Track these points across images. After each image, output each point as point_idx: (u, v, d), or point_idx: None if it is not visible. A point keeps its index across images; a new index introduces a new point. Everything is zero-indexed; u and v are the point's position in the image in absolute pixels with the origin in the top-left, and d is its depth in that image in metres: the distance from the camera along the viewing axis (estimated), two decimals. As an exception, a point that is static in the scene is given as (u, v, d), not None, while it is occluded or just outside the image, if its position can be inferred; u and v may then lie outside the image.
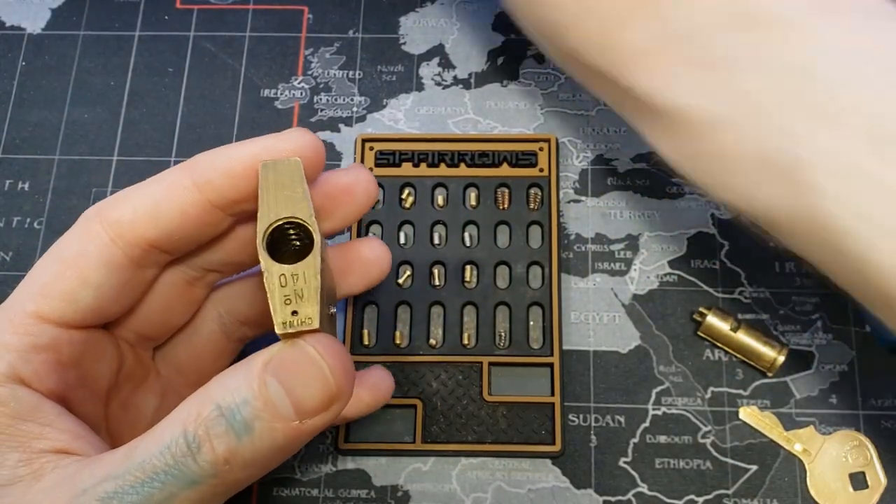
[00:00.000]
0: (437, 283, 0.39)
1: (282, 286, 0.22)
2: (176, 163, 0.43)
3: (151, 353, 0.31)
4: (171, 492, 0.21)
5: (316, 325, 0.22)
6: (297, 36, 0.45)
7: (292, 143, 0.25)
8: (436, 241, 0.40)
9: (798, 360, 0.38)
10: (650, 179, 0.42)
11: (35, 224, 0.42)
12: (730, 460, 0.37)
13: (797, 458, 0.37)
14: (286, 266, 0.22)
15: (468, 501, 0.36)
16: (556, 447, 0.36)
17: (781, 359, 0.37)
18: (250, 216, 0.26)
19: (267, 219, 0.23)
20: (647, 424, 0.37)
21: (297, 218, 0.23)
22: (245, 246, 0.28)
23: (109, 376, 0.28)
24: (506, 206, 0.40)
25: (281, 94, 0.44)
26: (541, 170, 0.41)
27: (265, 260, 0.22)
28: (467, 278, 0.39)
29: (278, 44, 0.45)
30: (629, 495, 0.36)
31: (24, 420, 0.24)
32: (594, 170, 0.42)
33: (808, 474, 0.36)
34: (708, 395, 0.38)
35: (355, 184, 0.28)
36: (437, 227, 0.40)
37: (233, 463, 0.22)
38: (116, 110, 0.44)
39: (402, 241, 0.40)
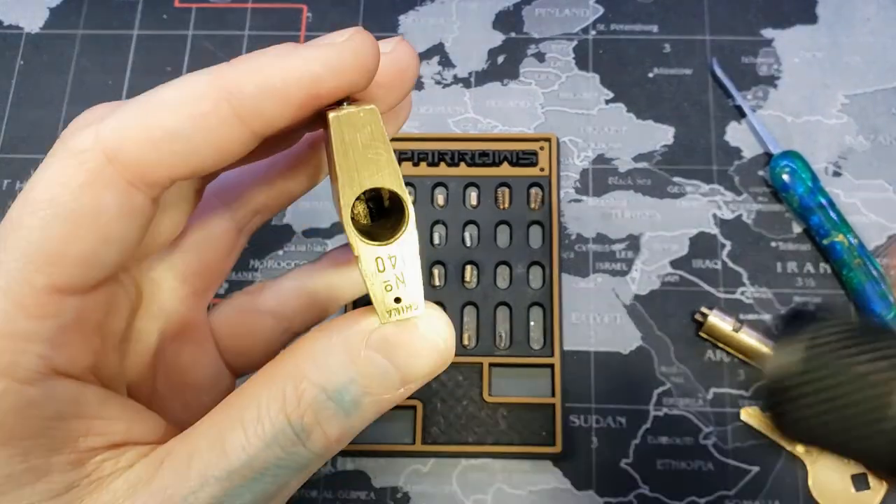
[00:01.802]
0: (437, 283, 0.39)
1: (380, 271, 0.19)
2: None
3: (145, 270, 0.26)
4: (284, 482, 0.20)
5: (423, 310, 0.20)
6: (297, 34, 0.45)
7: (352, 54, 0.20)
8: (436, 241, 0.40)
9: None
10: (651, 179, 0.42)
11: (33, 224, 0.42)
12: (731, 461, 0.37)
13: (799, 459, 0.36)
14: (382, 247, 0.19)
15: (468, 503, 0.36)
16: (557, 448, 0.36)
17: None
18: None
19: (350, 190, 0.19)
20: (648, 425, 0.37)
21: (386, 188, 0.19)
22: (264, 154, 0.24)
23: (124, 323, 0.24)
24: (506, 205, 0.40)
25: (280, 93, 0.44)
26: (541, 169, 0.41)
27: (358, 243, 0.19)
28: (467, 278, 0.39)
29: (277, 42, 0.44)
30: (630, 496, 0.36)
31: (65, 419, 0.20)
32: (595, 169, 0.42)
33: (809, 475, 0.36)
34: (709, 396, 0.38)
35: (406, 69, 0.23)
36: (437, 226, 0.40)
37: (342, 439, 0.20)
38: (115, 109, 0.44)
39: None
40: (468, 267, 0.39)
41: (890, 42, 0.44)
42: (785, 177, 0.40)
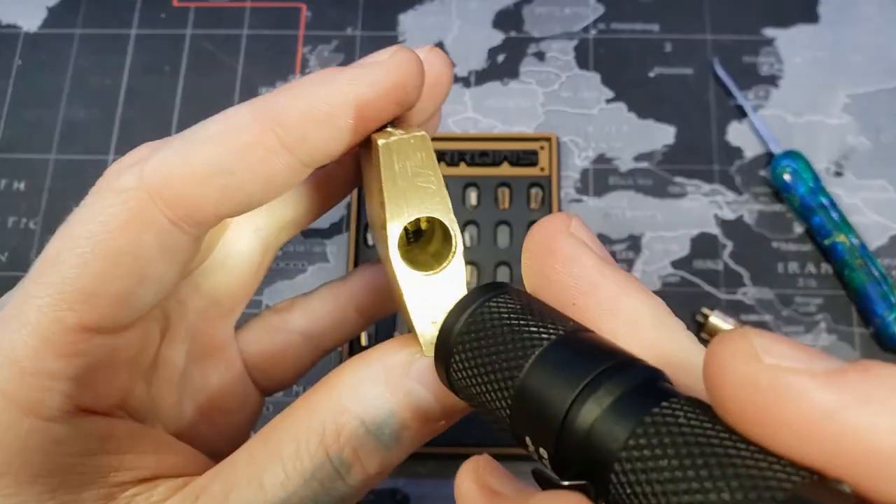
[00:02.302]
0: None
1: (423, 300, 0.19)
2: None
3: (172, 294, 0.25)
4: None
5: None
6: (295, 33, 0.45)
7: (398, 72, 0.19)
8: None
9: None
10: (652, 179, 0.41)
11: (31, 224, 0.42)
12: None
13: (801, 460, 0.36)
14: (428, 276, 0.19)
15: (468, 504, 0.36)
16: (558, 450, 0.36)
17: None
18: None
19: (398, 220, 0.18)
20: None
21: (435, 218, 0.19)
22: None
23: (154, 352, 0.23)
24: (506, 205, 0.40)
25: (279, 92, 0.44)
26: (542, 169, 0.40)
27: (403, 272, 0.19)
28: (467, 278, 0.39)
29: (276, 41, 0.44)
30: (631, 498, 0.36)
31: (94, 455, 0.19)
32: (596, 169, 0.42)
33: (811, 477, 0.36)
34: (710, 397, 0.37)
35: (440, 77, 0.22)
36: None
37: (383, 472, 0.20)
38: (113, 109, 0.44)
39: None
40: (468, 267, 0.39)
41: (891, 41, 0.44)
42: (786, 177, 0.39)
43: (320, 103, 0.19)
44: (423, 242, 0.20)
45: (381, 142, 0.19)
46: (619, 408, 0.13)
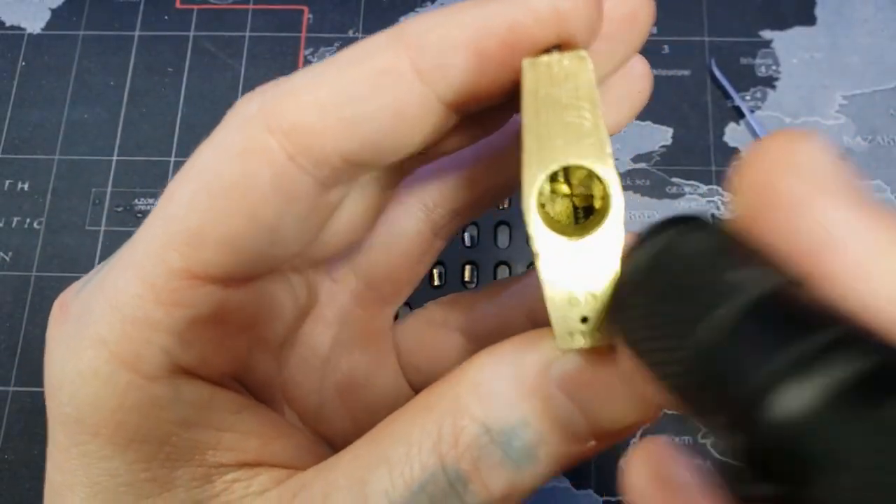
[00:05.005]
0: (437, 283, 0.39)
1: (565, 276, 0.14)
2: (177, 164, 0.43)
3: (324, 270, 0.23)
4: None
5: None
6: (297, 36, 0.45)
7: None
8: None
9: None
10: (650, 179, 0.42)
11: (35, 224, 0.42)
12: (731, 461, 0.37)
13: (797, 458, 0.37)
14: (572, 242, 0.14)
15: (468, 502, 0.36)
16: (557, 447, 0.36)
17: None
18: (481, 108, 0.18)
19: (538, 164, 0.14)
20: (647, 425, 0.37)
21: (587, 167, 0.14)
22: (465, 142, 0.20)
23: (284, 328, 0.21)
24: (506, 205, 0.40)
25: (281, 94, 0.44)
26: (541, 170, 0.41)
27: (538, 233, 0.14)
28: (467, 278, 0.39)
29: (278, 44, 0.45)
30: (629, 495, 0.36)
31: (193, 426, 0.17)
32: (594, 170, 0.42)
33: (808, 474, 0.36)
34: (708, 396, 0.38)
35: (637, 11, 0.17)
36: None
37: (511, 497, 0.16)
38: (116, 110, 0.44)
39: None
40: (468, 267, 0.39)
41: (888, 43, 0.44)
42: (783, 177, 0.40)
43: (461, 27, 0.16)
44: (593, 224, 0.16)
45: (525, 61, 0.15)
46: (849, 398, 0.09)
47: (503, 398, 0.16)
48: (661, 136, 0.43)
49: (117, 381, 0.16)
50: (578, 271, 0.14)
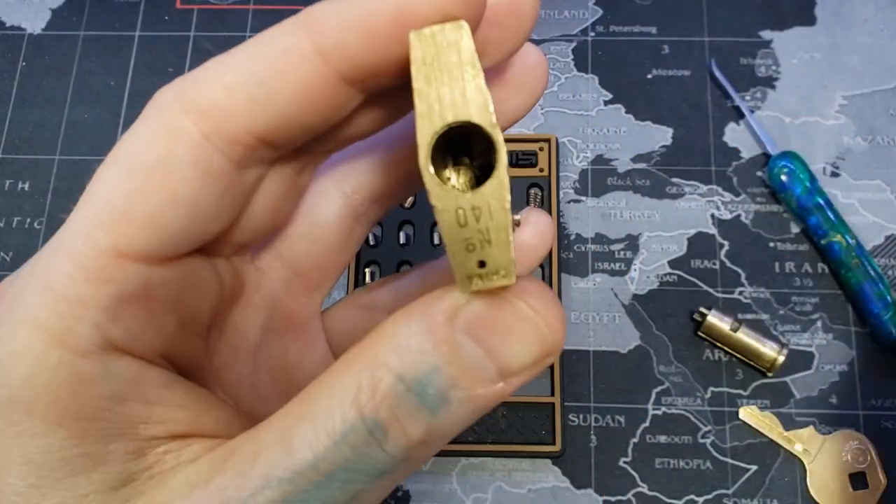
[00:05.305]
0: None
1: (460, 225, 0.16)
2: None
3: (249, 258, 0.23)
4: (357, 489, 0.17)
5: (513, 279, 0.17)
6: (297, 36, 0.45)
7: None
8: (436, 241, 0.40)
9: (798, 360, 0.38)
10: (650, 179, 0.42)
11: (35, 224, 0.42)
12: (730, 460, 0.37)
13: (797, 458, 0.37)
14: (464, 196, 0.16)
15: (468, 501, 0.36)
16: (556, 447, 0.36)
17: (781, 359, 0.37)
18: (384, 89, 0.19)
19: (430, 125, 0.16)
20: (647, 424, 0.37)
21: (471, 122, 0.16)
22: (375, 124, 0.21)
23: (209, 309, 0.21)
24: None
25: (281, 94, 0.44)
26: (541, 170, 0.41)
27: (435, 188, 0.16)
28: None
29: (278, 44, 0.45)
30: (629, 495, 0.36)
31: (124, 401, 0.18)
32: (594, 170, 0.42)
33: (808, 474, 0.36)
34: (708, 396, 0.38)
35: (517, 2, 0.19)
36: (437, 227, 0.40)
37: (429, 442, 0.17)
38: (117, 110, 0.44)
39: (402, 241, 0.40)
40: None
41: (888, 43, 0.44)
42: (783, 177, 0.40)
43: (357, 8, 0.17)
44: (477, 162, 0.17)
45: (412, 33, 0.16)
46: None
47: (415, 348, 0.17)
48: (661, 136, 0.43)
49: (49, 359, 0.17)
50: (472, 219, 0.16)
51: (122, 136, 0.19)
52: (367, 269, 0.40)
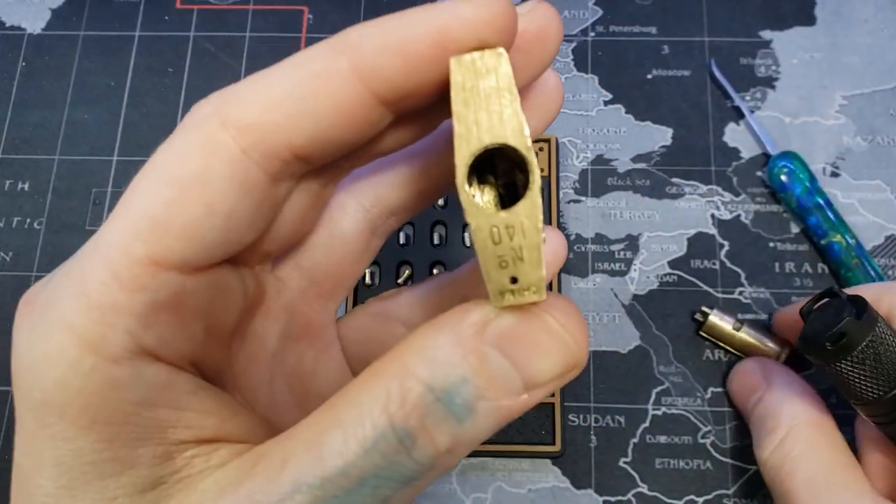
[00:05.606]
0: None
1: (494, 243, 0.17)
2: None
3: (269, 268, 0.24)
4: (385, 495, 0.18)
5: (544, 295, 0.17)
6: (298, 36, 0.45)
7: (484, 4, 0.18)
8: (436, 241, 0.40)
9: (798, 360, 0.38)
10: (650, 180, 0.42)
11: (35, 224, 0.42)
12: (730, 460, 0.37)
13: (797, 458, 0.37)
14: (499, 214, 0.17)
15: (468, 501, 0.36)
16: (556, 447, 0.36)
17: (783, 358, 0.37)
18: (415, 110, 0.20)
19: (468, 146, 0.17)
20: (647, 424, 0.37)
21: (508, 145, 0.17)
22: (400, 142, 0.22)
23: (235, 317, 0.22)
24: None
25: (281, 94, 0.44)
26: (541, 170, 0.41)
27: (471, 207, 0.17)
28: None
29: (278, 44, 0.45)
30: (629, 495, 0.36)
31: (153, 406, 0.18)
32: (594, 170, 0.42)
33: (808, 474, 0.36)
34: (708, 396, 0.38)
35: (547, 29, 0.20)
36: (437, 227, 0.40)
37: (455, 451, 0.18)
38: (117, 110, 0.44)
39: (402, 241, 0.40)
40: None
41: (888, 43, 0.44)
42: (783, 177, 0.40)
43: (395, 32, 0.18)
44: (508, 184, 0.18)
45: (452, 58, 0.17)
46: None
47: (444, 359, 0.17)
48: (660, 136, 0.43)
49: (82, 364, 0.17)
50: (506, 237, 0.17)
51: (159, 147, 0.19)
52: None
